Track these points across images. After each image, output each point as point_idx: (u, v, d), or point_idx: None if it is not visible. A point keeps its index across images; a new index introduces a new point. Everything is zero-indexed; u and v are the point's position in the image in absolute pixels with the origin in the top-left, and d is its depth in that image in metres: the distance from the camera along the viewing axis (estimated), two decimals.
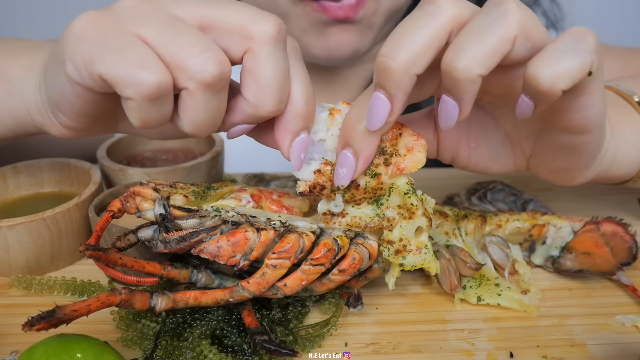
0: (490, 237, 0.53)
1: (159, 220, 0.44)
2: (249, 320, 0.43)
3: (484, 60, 0.36)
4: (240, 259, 0.42)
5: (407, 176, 0.45)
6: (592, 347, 0.44)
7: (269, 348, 0.41)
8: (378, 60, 0.38)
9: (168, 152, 0.70)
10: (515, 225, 0.53)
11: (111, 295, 0.39)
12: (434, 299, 0.50)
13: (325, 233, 0.44)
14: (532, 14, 0.38)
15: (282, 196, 0.49)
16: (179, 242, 0.42)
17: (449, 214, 0.54)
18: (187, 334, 0.43)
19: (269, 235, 0.42)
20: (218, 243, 0.42)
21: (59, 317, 0.36)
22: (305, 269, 0.42)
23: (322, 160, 0.44)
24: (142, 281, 0.40)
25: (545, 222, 0.53)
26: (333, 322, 0.46)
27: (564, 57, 0.36)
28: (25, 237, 0.50)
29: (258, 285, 0.42)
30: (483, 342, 0.45)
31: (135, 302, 0.40)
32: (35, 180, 0.61)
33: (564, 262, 0.52)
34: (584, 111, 0.41)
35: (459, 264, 0.49)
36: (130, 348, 0.44)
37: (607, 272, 0.51)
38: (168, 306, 0.42)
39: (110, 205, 0.44)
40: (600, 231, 0.51)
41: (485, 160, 0.50)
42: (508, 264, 0.51)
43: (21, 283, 0.50)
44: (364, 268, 0.45)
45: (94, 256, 0.39)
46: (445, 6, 0.38)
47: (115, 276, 0.40)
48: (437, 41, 0.38)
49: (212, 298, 0.43)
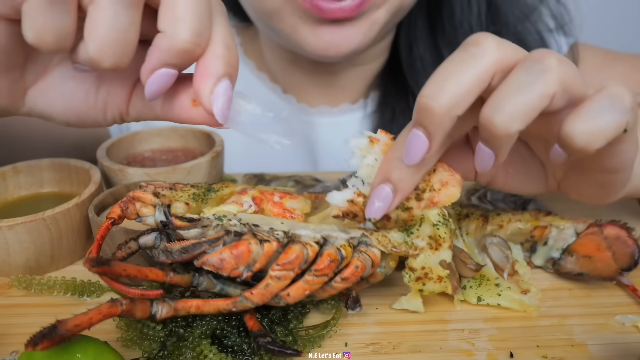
0: (491, 237, 0.53)
1: (160, 227, 0.44)
2: (252, 324, 0.43)
3: (522, 117, 0.37)
4: (243, 270, 0.42)
5: (440, 208, 0.46)
6: (592, 347, 0.44)
7: (273, 350, 0.41)
8: (420, 100, 0.39)
9: (168, 152, 0.70)
10: (516, 226, 0.53)
11: (112, 306, 0.39)
12: (434, 299, 0.50)
13: (329, 242, 0.44)
14: (573, 67, 0.38)
15: (283, 197, 0.49)
16: (181, 253, 0.42)
17: (451, 213, 0.53)
18: (187, 334, 0.43)
19: (272, 246, 0.42)
20: (221, 255, 0.41)
21: (62, 333, 0.35)
22: (308, 280, 0.42)
23: (355, 189, 0.45)
24: (146, 294, 0.40)
25: (547, 224, 0.53)
26: (333, 323, 0.46)
27: (599, 118, 0.37)
28: (25, 237, 0.50)
29: (262, 296, 0.42)
30: (483, 342, 0.45)
31: (136, 312, 0.40)
32: (35, 180, 0.61)
33: (564, 265, 0.52)
34: (617, 157, 0.41)
35: (459, 265, 0.49)
36: (130, 348, 0.44)
37: (607, 277, 0.50)
38: (169, 314, 0.42)
39: (110, 212, 0.44)
40: (604, 234, 0.51)
41: (521, 183, 0.51)
42: (508, 265, 0.51)
43: (21, 283, 0.50)
44: (367, 275, 0.45)
45: (100, 272, 0.39)
46: (489, 49, 0.38)
47: (120, 290, 0.40)
48: (481, 85, 0.38)
49: (214, 307, 0.42)
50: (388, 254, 0.45)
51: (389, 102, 0.85)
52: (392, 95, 0.85)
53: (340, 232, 0.45)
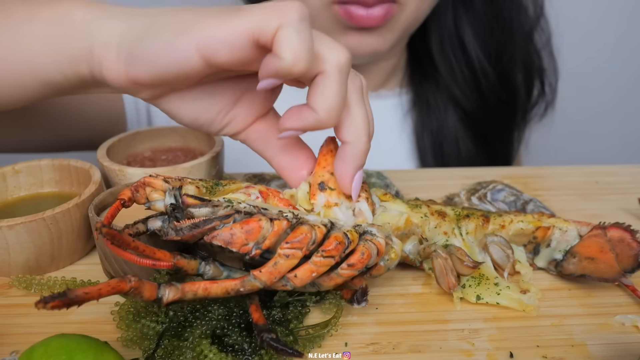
0: (492, 237, 0.53)
1: (169, 210, 0.44)
2: (257, 316, 0.43)
3: None
4: (252, 247, 0.43)
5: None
6: (592, 347, 0.44)
7: (276, 347, 0.41)
8: None
9: (168, 152, 0.70)
10: (518, 227, 0.53)
11: (122, 282, 0.39)
12: (434, 299, 0.50)
13: (336, 227, 0.45)
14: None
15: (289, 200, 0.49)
16: (191, 229, 0.42)
17: (449, 214, 0.54)
18: (187, 334, 0.43)
19: (282, 225, 0.43)
20: (231, 230, 0.42)
21: (72, 298, 0.36)
22: (316, 261, 0.43)
23: None
24: (158, 265, 0.41)
25: (550, 225, 0.53)
26: (334, 322, 0.46)
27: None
28: (25, 237, 0.50)
29: (270, 275, 0.42)
30: (483, 342, 0.45)
31: (144, 291, 0.40)
32: (35, 181, 0.61)
33: (567, 266, 0.52)
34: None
35: (456, 262, 0.49)
36: (130, 348, 0.44)
37: (610, 279, 0.50)
38: (176, 297, 0.42)
39: (121, 194, 0.45)
40: (607, 237, 0.51)
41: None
42: (508, 264, 0.51)
43: (21, 283, 0.50)
44: (372, 264, 0.45)
45: (109, 234, 0.40)
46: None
47: (130, 259, 0.40)
48: None
49: (222, 288, 0.42)
50: (391, 248, 0.46)
51: (421, 95, 0.94)
52: (420, 86, 0.94)
53: (346, 220, 0.46)
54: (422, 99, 0.93)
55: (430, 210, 0.53)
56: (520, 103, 0.95)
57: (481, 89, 0.91)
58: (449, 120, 0.92)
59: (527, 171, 0.76)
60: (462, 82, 0.91)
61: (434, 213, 0.53)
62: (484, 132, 0.94)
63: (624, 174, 0.74)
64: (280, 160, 0.50)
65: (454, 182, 0.71)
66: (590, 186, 0.71)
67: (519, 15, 0.90)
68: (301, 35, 0.39)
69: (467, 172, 0.75)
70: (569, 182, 0.72)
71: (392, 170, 0.74)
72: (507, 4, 0.89)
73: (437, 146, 0.92)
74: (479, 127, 0.93)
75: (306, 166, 0.50)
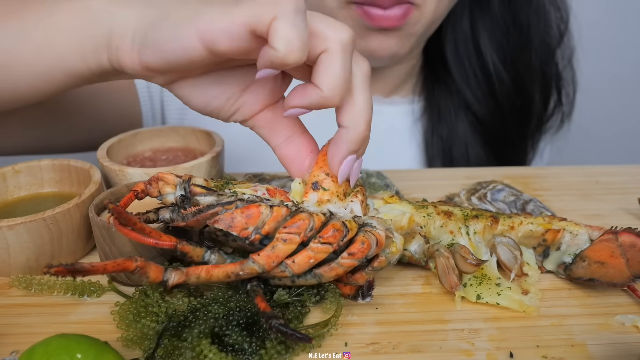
0: (501, 237, 0.52)
1: (178, 201, 0.47)
2: (263, 306, 0.44)
3: None
4: (252, 231, 0.45)
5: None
6: (592, 347, 0.44)
7: (285, 332, 0.41)
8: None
9: (168, 151, 0.70)
10: (528, 229, 0.52)
11: (128, 260, 0.41)
12: (434, 299, 0.50)
13: (335, 217, 0.46)
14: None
15: None
16: (195, 214, 0.45)
17: (456, 213, 0.53)
18: (186, 334, 0.43)
19: (281, 211, 0.45)
20: (232, 215, 0.44)
21: (77, 268, 0.38)
22: (313, 247, 0.44)
23: None
24: (161, 244, 0.43)
25: (560, 228, 0.52)
26: (333, 322, 0.46)
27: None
28: (25, 237, 0.50)
29: (268, 259, 0.43)
30: (483, 342, 0.45)
31: (150, 272, 0.43)
32: (35, 181, 0.61)
33: (576, 270, 0.51)
34: None
35: (459, 260, 0.49)
36: (130, 348, 0.44)
37: (619, 284, 0.50)
38: (181, 280, 0.44)
39: (135, 186, 0.48)
40: (619, 241, 0.50)
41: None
42: (516, 266, 0.51)
43: (21, 283, 0.50)
44: (372, 255, 0.46)
45: (116, 211, 0.42)
46: None
47: (135, 238, 0.42)
48: None
49: (223, 271, 0.44)
50: (392, 242, 0.47)
51: (433, 101, 0.94)
52: (433, 92, 0.94)
53: (346, 212, 0.47)
54: (433, 106, 0.92)
55: (436, 211, 0.53)
56: (536, 110, 0.93)
57: (495, 94, 0.90)
58: (459, 126, 0.91)
59: (527, 171, 0.76)
60: (475, 87, 0.90)
61: (440, 213, 0.53)
62: (495, 138, 0.93)
63: (624, 174, 0.74)
64: (284, 150, 0.51)
65: (454, 182, 0.71)
66: (590, 186, 0.71)
67: (537, 21, 0.89)
68: (295, 26, 0.40)
69: (467, 172, 0.75)
70: (569, 182, 0.72)
71: (392, 170, 0.74)
72: (525, 8, 0.88)
73: (447, 151, 0.91)
74: (491, 133, 0.92)
75: (308, 160, 0.51)
